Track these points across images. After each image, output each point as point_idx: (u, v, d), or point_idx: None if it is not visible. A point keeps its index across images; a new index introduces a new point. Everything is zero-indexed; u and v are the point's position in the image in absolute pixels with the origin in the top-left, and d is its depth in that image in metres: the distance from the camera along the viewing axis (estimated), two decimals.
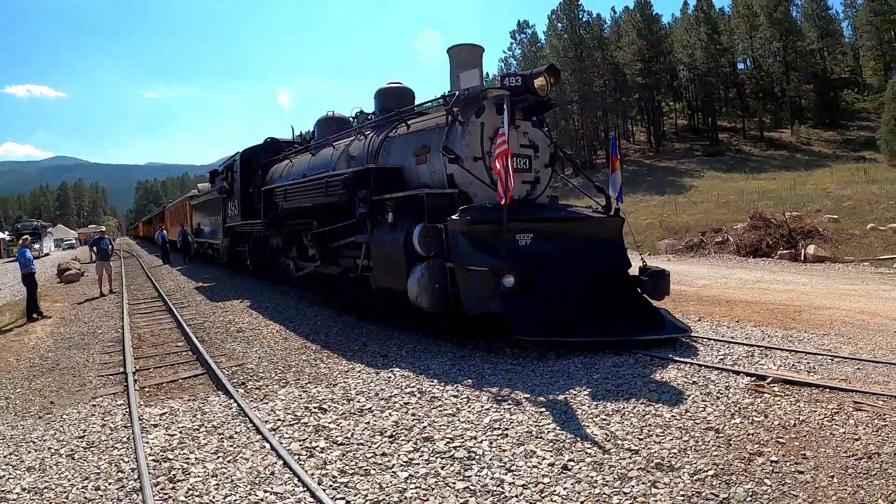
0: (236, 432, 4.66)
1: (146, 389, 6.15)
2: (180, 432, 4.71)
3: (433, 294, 6.94)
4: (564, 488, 3.52)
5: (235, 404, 5.33)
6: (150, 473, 3.92)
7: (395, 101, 10.36)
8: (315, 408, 5.18)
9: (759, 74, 70.59)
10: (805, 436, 4.08)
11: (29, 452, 4.52)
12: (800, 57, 67.91)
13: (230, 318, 10.30)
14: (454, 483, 3.68)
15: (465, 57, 8.73)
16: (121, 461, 4.21)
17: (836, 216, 23.42)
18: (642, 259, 7.96)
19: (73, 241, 72.00)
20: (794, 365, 5.81)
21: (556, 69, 7.97)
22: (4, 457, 4.46)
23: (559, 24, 71.68)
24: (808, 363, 5.90)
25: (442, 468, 3.89)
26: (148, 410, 5.33)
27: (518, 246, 6.89)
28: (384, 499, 3.51)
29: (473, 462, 3.96)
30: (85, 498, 3.70)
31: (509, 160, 6.46)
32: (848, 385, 5.08)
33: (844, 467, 3.62)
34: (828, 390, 4.96)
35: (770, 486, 3.43)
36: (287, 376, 6.35)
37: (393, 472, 3.87)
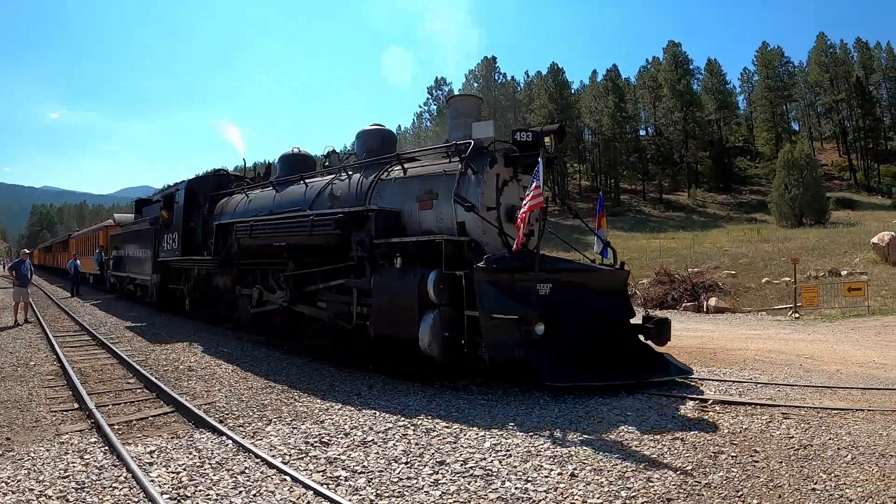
0: (246, 467, 4.60)
1: (115, 427, 5.88)
2: (185, 469, 4.56)
3: (443, 343, 7.00)
4: (578, 490, 4.11)
5: (230, 441, 5.24)
6: None
7: (379, 143, 10.27)
8: (316, 441, 5.23)
9: (661, 141, 76.35)
10: (751, 437, 5.14)
11: (6, 494, 4.19)
12: (698, 126, 74.25)
13: (174, 356, 9.96)
14: (486, 494, 4.04)
15: (466, 107, 9.02)
16: (130, 501, 4.01)
17: (733, 272, 25.24)
18: (646, 310, 8.44)
19: None
20: (725, 390, 7.02)
21: (564, 129, 8.16)
22: None
23: (475, 84, 74.70)
24: (737, 389, 7.10)
25: (469, 484, 4.20)
26: (130, 449, 5.08)
27: (539, 295, 6.98)
28: None
29: (494, 477, 4.35)
30: None
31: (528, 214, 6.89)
32: (773, 402, 6.32)
33: (787, 456, 4.66)
34: (759, 406, 6.15)
35: (736, 472, 4.36)
36: (267, 413, 6.31)
37: (426, 491, 4.09)
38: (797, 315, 17.39)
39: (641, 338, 7.60)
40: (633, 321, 7.77)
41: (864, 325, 14.79)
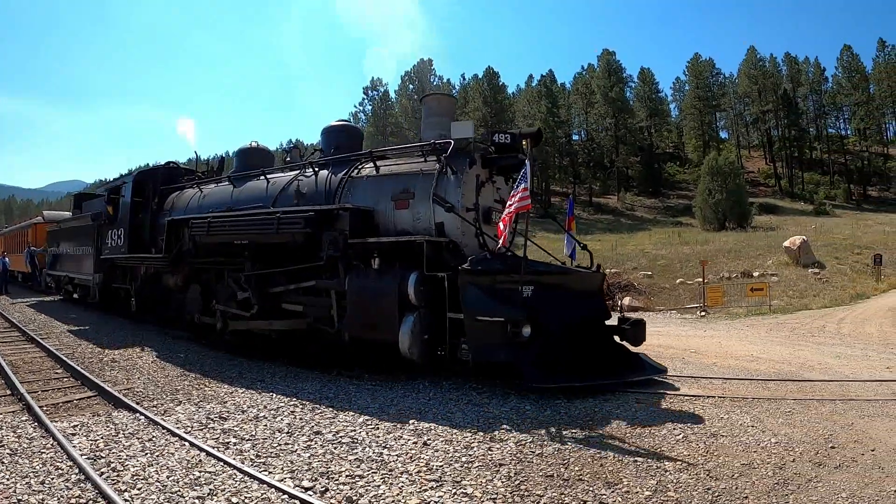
0: (153, 436, 5.56)
1: (44, 408, 6.65)
2: (102, 438, 5.48)
3: (423, 345, 7.20)
4: (426, 454, 4.96)
5: (143, 417, 6.19)
6: (91, 467, 4.66)
7: (346, 140, 10.21)
8: (216, 417, 6.21)
9: (592, 146, 79.04)
10: (597, 418, 5.97)
11: None
12: (629, 132, 77.22)
13: (99, 349, 10.64)
14: (346, 456, 4.99)
15: (440, 106, 9.18)
16: (55, 462, 4.85)
17: (650, 273, 26.97)
18: (621, 311, 9.26)
19: None
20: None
21: (541, 133, 8.18)
22: None
23: (410, 86, 75.63)
24: None
25: (335, 449, 5.18)
26: (57, 424, 5.89)
27: (521, 297, 7.09)
28: (298, 468, 4.73)
29: (357, 444, 5.30)
30: (33, 490, 4.28)
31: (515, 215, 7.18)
32: (633, 390, 7.13)
33: (623, 434, 5.47)
34: (617, 392, 6.97)
35: (570, 445, 5.17)
36: (178, 397, 7.24)
37: (297, 453, 5.08)
38: (703, 314, 18.76)
39: (617, 338, 7.77)
40: (608, 322, 7.98)
41: (762, 322, 16.11)
